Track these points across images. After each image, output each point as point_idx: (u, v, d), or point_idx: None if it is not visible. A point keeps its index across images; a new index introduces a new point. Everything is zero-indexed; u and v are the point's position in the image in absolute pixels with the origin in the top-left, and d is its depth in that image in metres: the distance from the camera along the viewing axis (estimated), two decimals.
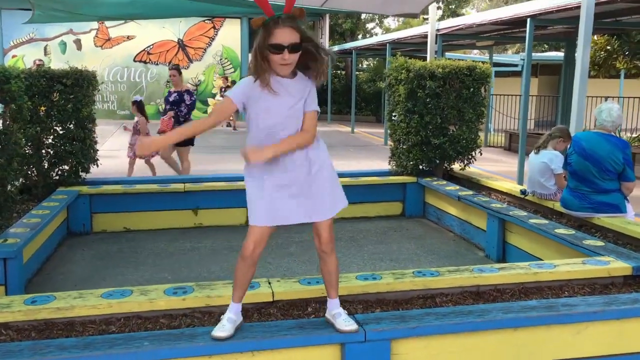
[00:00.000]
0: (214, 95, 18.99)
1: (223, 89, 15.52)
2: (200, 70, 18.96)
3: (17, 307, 2.95)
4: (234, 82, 16.08)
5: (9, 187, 4.58)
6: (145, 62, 18.78)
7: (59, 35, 18.15)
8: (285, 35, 2.54)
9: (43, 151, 6.10)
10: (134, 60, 18.72)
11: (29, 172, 6.07)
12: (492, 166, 10.49)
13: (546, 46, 24.30)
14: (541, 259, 4.71)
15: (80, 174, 6.36)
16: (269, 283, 3.35)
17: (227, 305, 2.87)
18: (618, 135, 8.42)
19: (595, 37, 10.97)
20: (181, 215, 6.42)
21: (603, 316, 3.03)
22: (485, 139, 14.65)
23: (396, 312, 3.10)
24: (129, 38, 18.52)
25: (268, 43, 2.56)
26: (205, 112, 18.97)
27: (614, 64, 11.33)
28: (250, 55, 2.84)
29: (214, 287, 3.26)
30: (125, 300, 3.04)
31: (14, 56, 17.83)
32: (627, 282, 3.65)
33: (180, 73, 8.24)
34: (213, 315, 3.09)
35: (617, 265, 3.65)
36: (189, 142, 8.19)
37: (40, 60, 10.94)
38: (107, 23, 18.14)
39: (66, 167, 6.25)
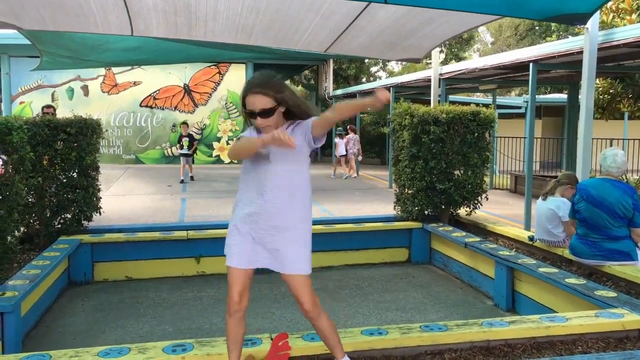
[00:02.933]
0: (219, 139, 19.09)
1: (182, 136, 13.73)
2: (206, 114, 19.10)
3: None
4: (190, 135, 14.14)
5: (9, 239, 4.52)
6: (151, 107, 18.94)
7: (66, 81, 18.36)
8: (254, 102, 2.62)
9: (46, 200, 6.06)
10: (140, 106, 18.87)
11: (31, 221, 6.02)
12: (499, 209, 10.38)
13: (549, 88, 24.47)
14: (552, 309, 4.59)
15: (83, 222, 6.31)
16: (272, 339, 3.24)
17: None
18: (625, 178, 8.36)
19: (598, 81, 10.99)
20: (184, 263, 6.34)
21: None
22: (491, 181, 14.58)
23: None
24: (135, 84, 18.72)
25: (244, 109, 2.67)
26: (210, 155, 19.07)
27: (618, 106, 11.32)
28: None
29: (214, 344, 3.16)
30: None
31: (21, 102, 18.02)
32: None
33: None
34: None
35: (631, 318, 3.53)
36: None
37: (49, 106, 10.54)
38: (114, 69, 18.36)
39: (68, 216, 6.21)
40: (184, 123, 14.34)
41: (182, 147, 13.60)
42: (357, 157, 16.15)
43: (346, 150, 15.99)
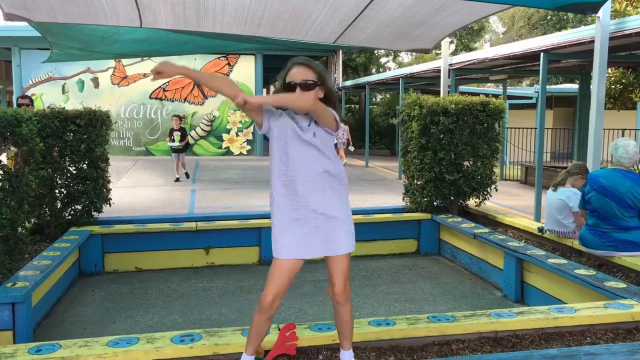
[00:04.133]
0: (228, 131, 19.13)
1: (174, 130, 12.51)
2: (215, 106, 19.13)
3: (21, 356, 2.88)
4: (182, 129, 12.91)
5: (19, 230, 4.56)
6: (161, 99, 18.99)
7: (77, 73, 18.46)
8: (298, 74, 2.61)
9: (56, 191, 6.10)
10: (150, 97, 18.94)
11: (42, 213, 6.06)
12: (509, 200, 10.34)
13: (561, 78, 24.27)
14: (561, 300, 4.57)
15: (93, 213, 6.35)
16: (279, 329, 3.25)
17: (235, 354, 2.79)
18: (637, 169, 8.29)
19: (610, 70, 10.89)
20: (193, 254, 6.37)
21: None
22: (501, 172, 14.52)
23: None
24: (145, 76, 18.77)
25: (284, 83, 2.64)
26: (220, 147, 19.11)
27: (630, 96, 11.21)
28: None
29: (222, 334, 3.18)
30: (131, 349, 2.96)
31: (32, 95, 18.12)
32: None
33: None
34: None
35: None
36: None
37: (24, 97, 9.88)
38: (124, 61, 18.43)
39: (79, 207, 6.25)
40: (176, 116, 13.09)
41: (172, 141, 12.40)
42: (346, 147, 17.04)
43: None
